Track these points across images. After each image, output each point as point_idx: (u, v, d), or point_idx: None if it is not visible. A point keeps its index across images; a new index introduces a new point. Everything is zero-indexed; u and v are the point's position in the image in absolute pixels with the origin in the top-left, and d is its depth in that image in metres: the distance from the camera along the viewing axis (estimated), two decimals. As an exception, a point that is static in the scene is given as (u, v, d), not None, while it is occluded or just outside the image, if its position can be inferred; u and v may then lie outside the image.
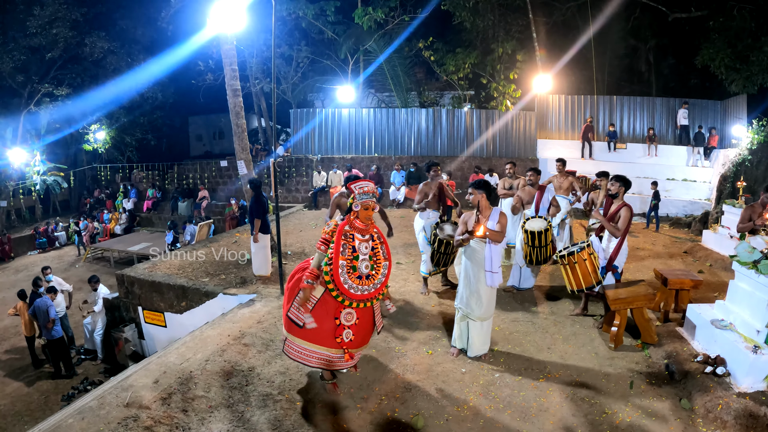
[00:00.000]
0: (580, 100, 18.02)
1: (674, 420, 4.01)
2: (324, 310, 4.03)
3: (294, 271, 4.32)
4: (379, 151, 17.86)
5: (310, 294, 4.01)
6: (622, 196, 5.78)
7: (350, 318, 4.09)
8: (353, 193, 4.02)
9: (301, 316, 4.01)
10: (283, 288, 5.62)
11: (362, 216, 3.98)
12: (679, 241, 10.75)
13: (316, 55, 21.13)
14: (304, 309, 4.01)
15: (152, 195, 20.65)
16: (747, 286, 4.73)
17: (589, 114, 17.72)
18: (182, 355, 4.93)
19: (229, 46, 9.12)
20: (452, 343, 5.16)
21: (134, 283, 8.26)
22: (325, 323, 4.03)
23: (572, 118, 17.99)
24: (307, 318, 3.97)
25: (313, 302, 4.03)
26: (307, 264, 4.24)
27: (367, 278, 4.01)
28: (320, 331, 4.02)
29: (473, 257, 4.83)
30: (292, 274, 4.32)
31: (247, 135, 9.32)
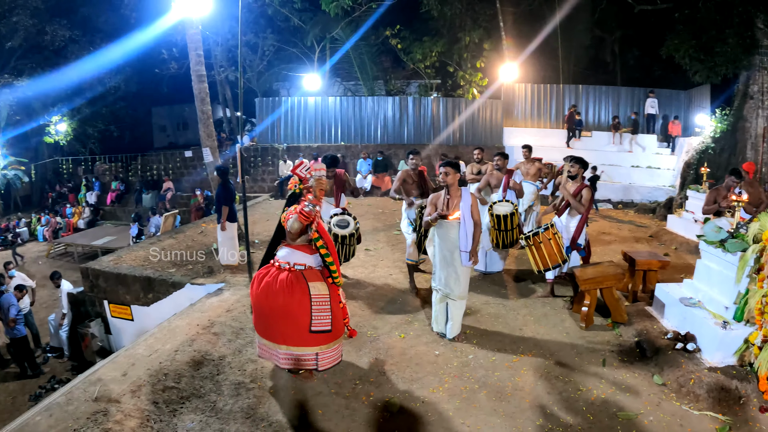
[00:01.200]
0: (546, 88, 18.23)
1: (648, 395, 4.06)
2: (334, 299, 3.97)
3: (263, 286, 3.89)
4: (345, 140, 17.73)
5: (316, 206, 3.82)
6: (581, 177, 5.93)
7: (344, 295, 4.16)
8: (301, 177, 3.90)
9: (324, 320, 3.88)
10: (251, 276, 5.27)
11: (319, 193, 3.89)
12: (644, 226, 10.99)
13: (282, 43, 20.76)
14: (323, 311, 3.88)
15: (116, 187, 20.09)
16: (714, 265, 4.85)
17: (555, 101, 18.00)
18: (151, 347, 4.76)
19: (195, 31, 8.84)
20: (432, 328, 5.13)
21: (99, 276, 7.96)
22: (338, 311, 4.02)
23: (538, 106, 18.20)
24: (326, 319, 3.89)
25: (327, 299, 3.91)
26: (269, 270, 3.94)
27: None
28: (340, 321, 4.01)
29: (446, 238, 4.80)
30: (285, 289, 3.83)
31: (212, 122, 9.07)
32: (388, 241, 8.99)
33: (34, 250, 16.99)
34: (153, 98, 27.69)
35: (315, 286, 3.87)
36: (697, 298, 4.96)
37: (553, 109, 18.16)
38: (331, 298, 3.91)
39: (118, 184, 20.14)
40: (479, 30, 18.74)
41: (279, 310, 3.81)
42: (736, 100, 12.70)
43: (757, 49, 11.57)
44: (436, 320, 5.09)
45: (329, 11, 17.15)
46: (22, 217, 19.60)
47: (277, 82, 23.20)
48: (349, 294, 6.19)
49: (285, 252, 3.94)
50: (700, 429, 3.66)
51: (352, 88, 21.87)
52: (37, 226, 18.60)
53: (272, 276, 3.88)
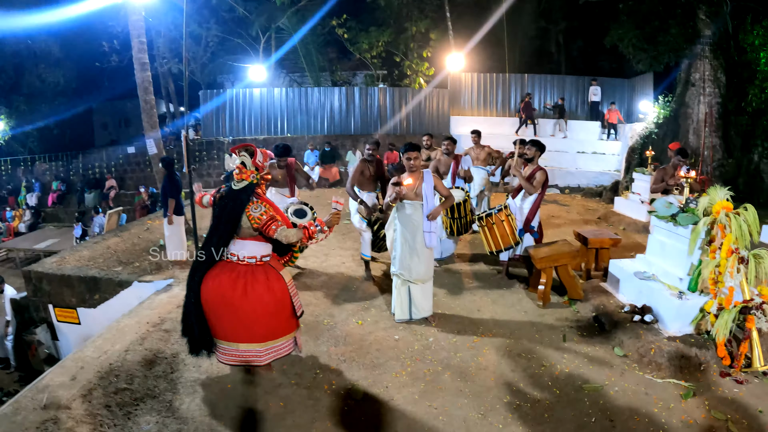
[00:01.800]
0: (492, 78, 18.45)
1: (611, 367, 4.14)
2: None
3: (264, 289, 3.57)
4: (291, 132, 17.44)
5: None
6: (537, 160, 5.99)
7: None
8: (259, 165, 3.62)
9: (299, 302, 3.81)
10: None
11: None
12: (591, 209, 11.31)
13: (227, 34, 20.21)
14: (296, 293, 3.77)
15: (57, 188, 19.00)
16: (666, 239, 5.00)
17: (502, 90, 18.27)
18: (99, 348, 4.47)
19: (137, 17, 8.42)
20: (396, 317, 4.99)
21: (42, 279, 7.48)
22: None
23: (484, 95, 18.40)
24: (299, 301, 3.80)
25: (293, 282, 3.77)
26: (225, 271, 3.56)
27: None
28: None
29: (408, 220, 4.73)
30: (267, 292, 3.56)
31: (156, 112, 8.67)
32: (338, 230, 8.81)
33: None
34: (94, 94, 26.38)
35: (283, 273, 3.72)
36: (651, 271, 5.10)
37: (499, 97, 18.41)
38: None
39: (59, 185, 19.08)
40: (426, 20, 18.80)
41: (266, 306, 3.53)
42: (678, 87, 13.20)
43: (699, 38, 12.01)
44: (399, 307, 4.95)
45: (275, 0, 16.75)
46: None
47: (222, 74, 22.64)
48: (302, 284, 6.05)
49: (241, 245, 3.57)
50: (665, 396, 3.74)
51: (298, 80, 21.58)
52: None
53: (244, 275, 3.54)
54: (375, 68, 20.04)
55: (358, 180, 6.08)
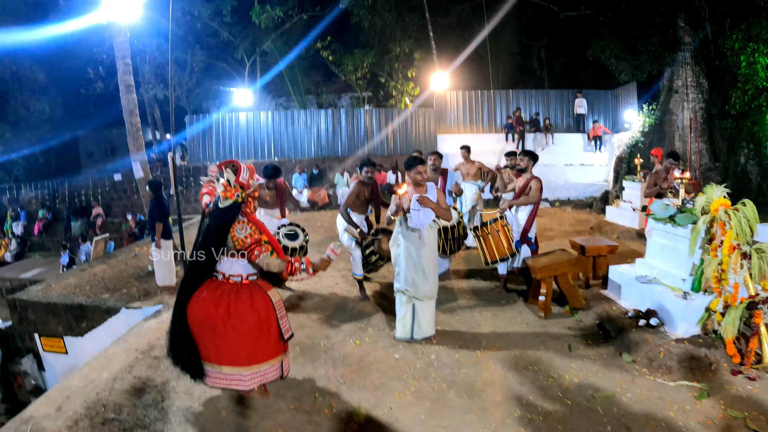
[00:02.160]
0: (477, 95, 18.59)
1: (620, 373, 4.02)
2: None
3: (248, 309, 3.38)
4: (279, 155, 17.38)
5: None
6: (530, 170, 5.94)
7: None
8: (243, 184, 3.39)
9: (288, 325, 3.55)
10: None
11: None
12: (583, 220, 11.28)
13: (212, 59, 20.29)
14: (285, 316, 3.54)
15: (43, 216, 18.78)
16: (665, 241, 4.96)
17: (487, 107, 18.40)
18: (86, 377, 4.26)
19: (122, 38, 8.37)
20: (396, 335, 4.79)
21: (27, 308, 7.28)
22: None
23: (470, 112, 18.51)
24: (288, 323, 3.56)
25: (282, 303, 3.56)
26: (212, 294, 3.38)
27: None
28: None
29: (411, 235, 4.59)
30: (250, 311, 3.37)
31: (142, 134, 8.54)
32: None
33: None
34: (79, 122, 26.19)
35: (272, 293, 3.51)
36: (653, 275, 5.04)
37: (485, 114, 18.53)
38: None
39: (45, 213, 18.89)
40: (409, 40, 18.99)
41: (250, 327, 3.34)
42: (662, 95, 13.38)
43: (680, 45, 12.22)
44: (402, 325, 4.75)
45: (260, 23, 16.84)
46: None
47: (208, 99, 22.60)
48: (295, 306, 5.87)
49: (227, 264, 3.42)
50: (679, 398, 3.63)
51: (284, 104, 21.60)
52: None
53: (229, 293, 3.36)
54: (360, 90, 20.13)
55: (352, 203, 5.92)
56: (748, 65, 10.62)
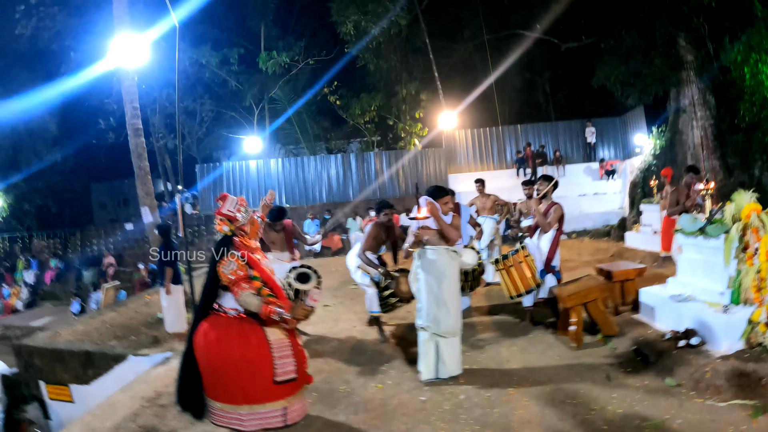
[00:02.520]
0: (486, 132, 18.62)
1: (666, 399, 3.71)
2: (295, 342, 3.36)
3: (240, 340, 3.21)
4: (290, 202, 17.36)
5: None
6: (550, 195, 5.73)
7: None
8: (230, 216, 3.31)
9: (288, 368, 3.23)
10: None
11: (252, 233, 3.40)
12: (602, 249, 10.98)
13: (221, 107, 20.57)
14: (286, 357, 3.25)
15: (55, 266, 18.77)
16: (697, 255, 4.74)
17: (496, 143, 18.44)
18: (88, 425, 4.02)
19: (130, 83, 8.46)
20: (421, 377, 4.45)
21: (33, 354, 7.04)
22: (302, 355, 3.38)
23: (480, 150, 18.50)
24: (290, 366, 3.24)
25: (288, 343, 3.29)
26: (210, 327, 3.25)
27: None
28: (302, 366, 3.37)
29: (432, 267, 4.35)
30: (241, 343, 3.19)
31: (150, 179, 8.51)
32: (346, 295, 8.48)
33: None
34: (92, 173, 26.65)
35: (272, 331, 3.27)
36: (688, 292, 4.77)
37: (494, 151, 18.51)
38: (291, 341, 3.33)
39: (57, 262, 18.88)
40: (415, 82, 19.22)
41: (236, 363, 3.16)
42: (670, 116, 13.28)
43: (683, 65, 12.17)
44: (425, 365, 4.43)
45: (267, 69, 17.13)
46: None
47: (218, 149, 22.84)
48: (312, 350, 5.53)
49: (225, 296, 3.29)
50: (733, 419, 3.34)
51: (294, 151, 21.73)
52: None
53: (221, 326, 3.23)
54: (369, 134, 20.24)
55: (370, 245, 5.65)
56: (752, 76, 10.49)
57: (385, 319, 6.53)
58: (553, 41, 17.80)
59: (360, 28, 16.85)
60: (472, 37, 20.09)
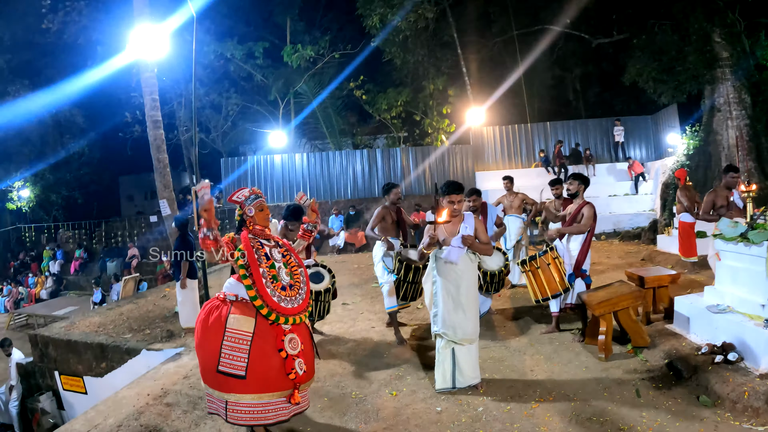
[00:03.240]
0: (514, 129, 18.17)
1: (700, 420, 3.42)
2: (263, 342, 3.13)
3: (204, 316, 3.27)
4: (315, 197, 17.08)
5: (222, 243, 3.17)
6: (582, 195, 5.42)
7: (295, 344, 3.22)
8: (238, 202, 3.40)
9: (236, 362, 3.07)
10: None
11: (260, 219, 3.36)
12: (632, 252, 10.57)
13: (246, 102, 20.59)
14: (238, 350, 3.09)
15: (79, 256, 19.11)
16: (738, 263, 4.38)
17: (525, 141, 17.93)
18: (90, 422, 3.93)
19: (149, 74, 8.40)
20: (436, 386, 4.24)
21: (49, 344, 7.11)
22: (272, 359, 3.14)
23: (508, 147, 18.07)
24: (240, 362, 3.08)
25: (248, 338, 3.11)
26: (211, 301, 3.36)
27: (290, 288, 3.31)
28: (269, 371, 3.12)
29: (448, 271, 4.11)
30: (203, 319, 3.25)
31: (169, 171, 8.44)
32: (366, 294, 8.29)
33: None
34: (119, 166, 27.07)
35: (237, 318, 3.14)
36: (726, 303, 4.43)
37: (523, 149, 18.06)
38: (255, 338, 3.12)
39: (81, 253, 19.21)
40: (443, 77, 18.83)
41: (199, 341, 3.24)
42: (705, 115, 12.78)
43: (718, 62, 11.71)
44: (441, 374, 4.22)
45: (291, 63, 17.00)
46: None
47: (243, 143, 22.87)
48: (327, 352, 5.40)
49: (228, 281, 3.37)
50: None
51: (320, 146, 21.61)
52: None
53: (208, 308, 3.31)
54: (396, 130, 19.96)
55: (380, 226, 5.56)
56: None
57: (405, 320, 6.34)
58: (584, 37, 17.31)
59: (386, 22, 16.58)
60: (500, 32, 19.70)
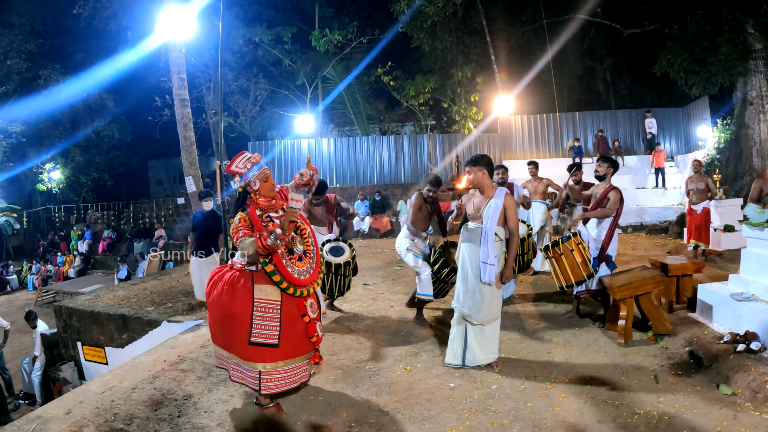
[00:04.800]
0: (542, 118, 17.90)
1: (719, 408, 3.32)
2: (290, 308, 3.28)
3: (212, 286, 3.32)
4: (341, 182, 17.25)
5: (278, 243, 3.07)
6: (609, 178, 5.28)
7: (315, 309, 3.39)
8: (239, 173, 3.33)
9: (269, 332, 3.18)
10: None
11: (265, 190, 3.34)
12: (659, 245, 10.33)
13: (274, 86, 20.69)
14: (270, 319, 3.19)
15: (107, 236, 19.59)
16: (764, 250, 4.28)
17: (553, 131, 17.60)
18: (106, 384, 4.02)
19: (177, 54, 8.54)
20: (445, 360, 4.25)
21: (72, 315, 7.34)
22: (298, 324, 3.31)
23: (536, 137, 17.82)
24: (273, 331, 3.17)
25: (277, 306, 3.22)
26: (222, 270, 3.38)
27: (305, 255, 3.38)
28: (296, 337, 3.30)
29: (472, 247, 4.06)
30: (226, 290, 3.25)
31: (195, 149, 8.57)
32: (388, 276, 8.32)
33: (23, 298, 16.45)
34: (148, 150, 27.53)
35: (263, 289, 3.19)
36: (750, 291, 4.30)
37: (551, 138, 17.78)
38: (283, 305, 3.22)
39: (110, 233, 19.70)
40: (471, 65, 18.61)
41: (223, 312, 3.23)
42: (737, 108, 12.44)
43: (751, 54, 11.41)
44: (451, 349, 4.22)
45: (319, 47, 17.00)
46: (12, 264, 19.22)
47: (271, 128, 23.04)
48: (344, 328, 5.45)
49: (239, 253, 3.34)
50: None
51: (347, 133, 21.62)
52: (28, 274, 18.24)
53: (220, 276, 3.30)
54: (423, 117, 19.83)
55: (416, 217, 5.45)
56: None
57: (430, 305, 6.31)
58: (615, 27, 16.87)
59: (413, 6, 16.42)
60: (530, 20, 19.35)
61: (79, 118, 20.86)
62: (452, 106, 18.76)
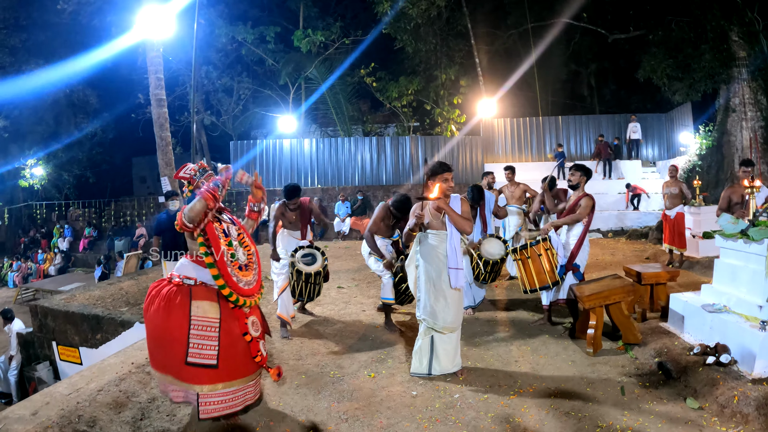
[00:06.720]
0: (525, 122, 18.01)
1: (685, 423, 3.27)
2: (230, 327, 3.03)
3: (162, 305, 3.02)
4: (322, 183, 17.21)
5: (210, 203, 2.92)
6: (582, 187, 5.28)
7: (257, 327, 3.15)
8: (186, 178, 3.17)
9: (207, 351, 2.94)
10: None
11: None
12: (638, 250, 10.40)
13: (258, 86, 20.63)
14: (207, 338, 2.96)
15: (88, 234, 19.41)
16: (737, 261, 4.19)
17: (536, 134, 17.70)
18: (73, 385, 3.96)
19: (155, 54, 8.43)
20: (411, 369, 4.17)
21: (48, 315, 7.29)
22: (239, 344, 3.04)
23: (518, 140, 17.93)
24: (210, 350, 2.95)
25: (215, 325, 2.99)
26: (161, 284, 3.12)
27: (246, 268, 3.18)
28: (237, 357, 3.02)
29: (432, 255, 4.02)
30: (162, 307, 3.00)
31: (171, 149, 8.45)
32: (364, 279, 8.23)
33: (3, 295, 16.24)
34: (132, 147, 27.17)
35: (200, 305, 2.97)
36: (722, 302, 4.24)
37: (533, 142, 17.91)
38: (222, 324, 3.00)
39: (90, 231, 19.53)
40: (455, 67, 18.69)
41: (159, 331, 3.00)
42: (719, 115, 12.61)
43: (734, 61, 11.54)
44: (418, 359, 4.15)
45: (302, 47, 16.93)
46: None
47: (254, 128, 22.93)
48: (314, 332, 5.37)
49: (179, 263, 3.15)
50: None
51: (330, 133, 21.60)
52: (8, 272, 17.94)
53: (158, 290, 3.05)
54: (406, 118, 19.86)
55: (378, 226, 5.39)
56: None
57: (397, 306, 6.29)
58: (600, 31, 17.02)
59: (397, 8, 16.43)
60: (515, 24, 19.47)
61: (62, 114, 20.53)
62: (435, 108, 18.80)
